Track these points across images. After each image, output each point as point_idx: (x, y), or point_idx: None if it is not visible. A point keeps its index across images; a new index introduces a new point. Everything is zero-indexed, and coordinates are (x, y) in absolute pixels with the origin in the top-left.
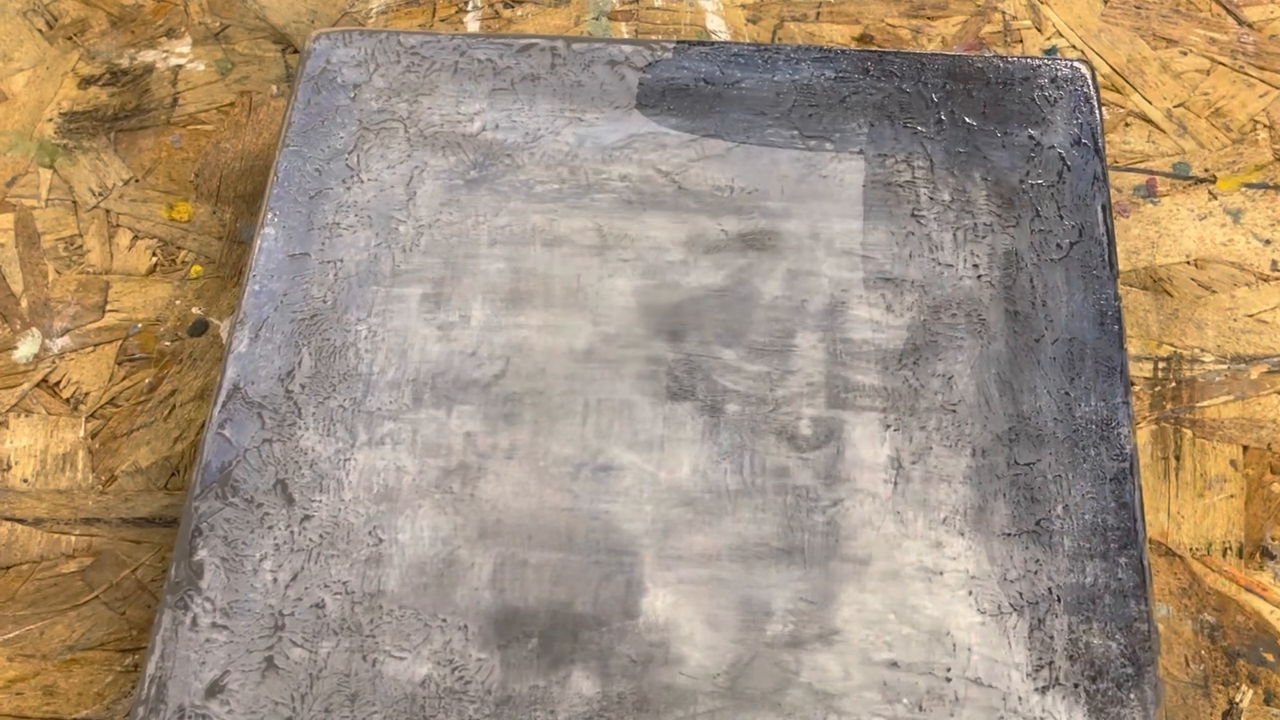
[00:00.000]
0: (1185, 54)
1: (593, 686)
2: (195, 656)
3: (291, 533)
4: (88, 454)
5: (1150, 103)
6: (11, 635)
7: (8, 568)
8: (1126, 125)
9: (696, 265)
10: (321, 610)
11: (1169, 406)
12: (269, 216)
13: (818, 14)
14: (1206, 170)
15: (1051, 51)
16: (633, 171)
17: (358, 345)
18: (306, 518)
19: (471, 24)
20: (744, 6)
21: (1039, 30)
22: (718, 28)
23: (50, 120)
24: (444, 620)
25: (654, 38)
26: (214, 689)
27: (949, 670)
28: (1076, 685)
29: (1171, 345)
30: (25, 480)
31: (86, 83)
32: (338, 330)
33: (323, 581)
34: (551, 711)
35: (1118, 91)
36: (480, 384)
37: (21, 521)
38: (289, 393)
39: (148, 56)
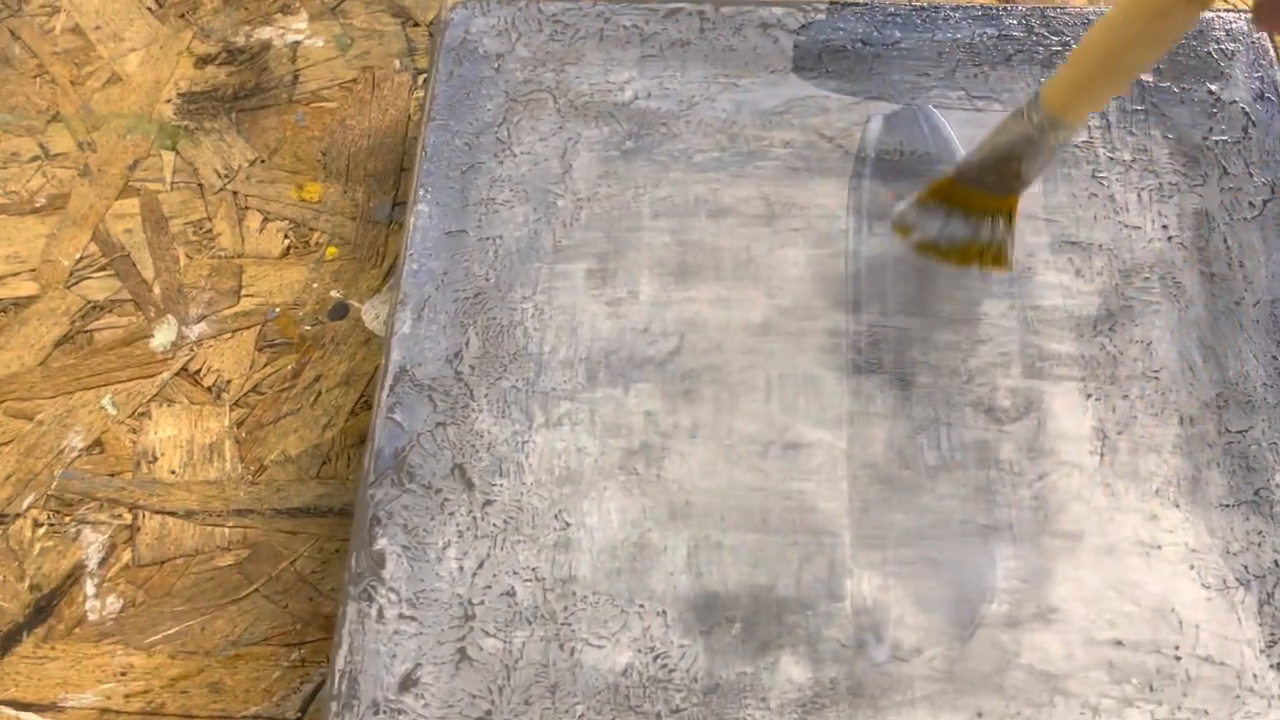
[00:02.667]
0: None
1: (803, 672)
2: (385, 649)
3: (474, 518)
4: (235, 444)
5: None
6: (172, 631)
7: (162, 562)
8: None
9: (871, 233)
10: (512, 598)
11: None
12: (420, 193)
13: None
14: None
15: None
16: (795, 137)
17: (525, 324)
18: (488, 503)
19: None
20: None
21: None
22: None
23: (169, 101)
24: (641, 606)
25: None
26: (407, 682)
27: (1178, 648)
28: None
29: None
30: (173, 472)
31: (203, 62)
32: (503, 309)
33: (511, 568)
34: (763, 699)
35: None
36: (655, 361)
37: (173, 514)
38: (459, 374)
39: (264, 33)
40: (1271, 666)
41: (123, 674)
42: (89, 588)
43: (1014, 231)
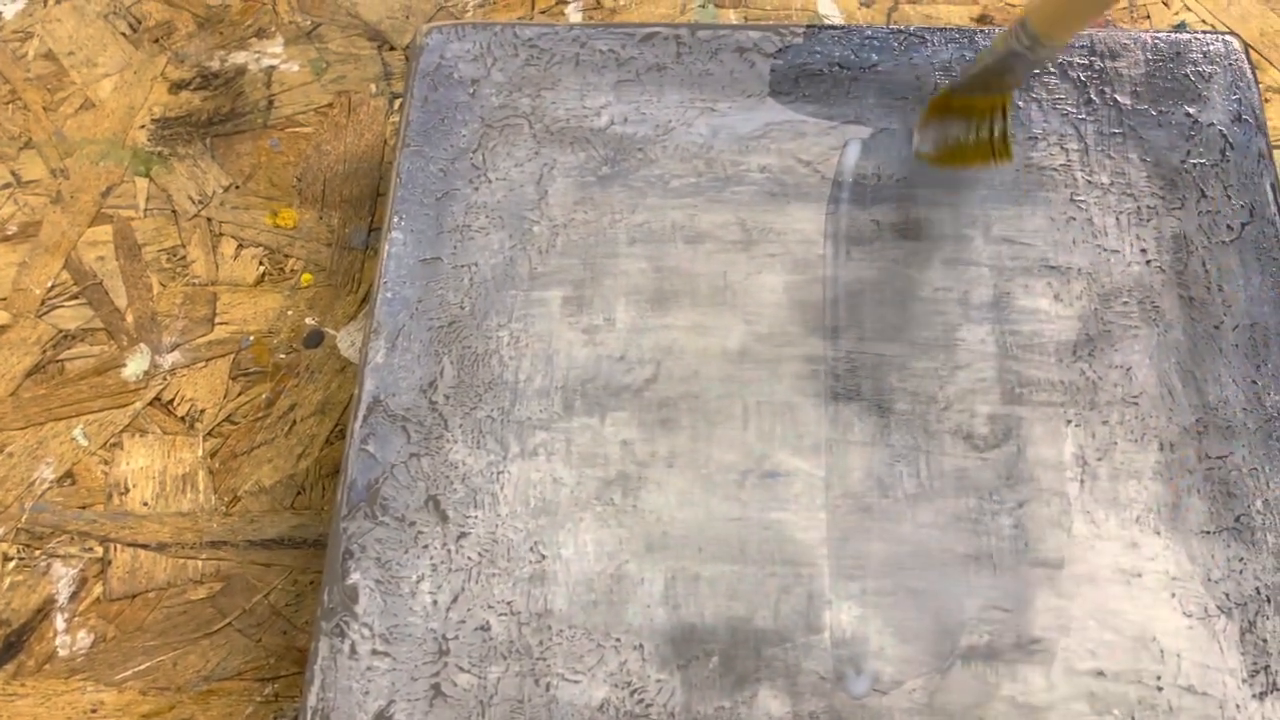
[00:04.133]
0: None
1: (782, 706)
2: (358, 686)
3: (448, 551)
4: (208, 474)
5: None
6: (143, 667)
7: (134, 596)
8: (1266, 101)
9: (849, 258)
10: (487, 633)
11: None
12: (395, 220)
13: None
14: None
15: (1181, 26)
16: (772, 162)
17: (500, 352)
18: (463, 535)
19: (573, 14)
20: None
21: (1165, 4)
22: (830, 12)
23: (142, 127)
24: (618, 640)
25: (778, 23)
26: (380, 719)
27: (1159, 678)
28: None
29: None
30: (145, 504)
31: (177, 87)
32: (478, 337)
33: (485, 602)
34: None
35: (1254, 67)
36: (632, 389)
37: (145, 547)
38: (433, 404)
39: (239, 58)
40: (1254, 696)
41: (93, 711)
42: (59, 623)
43: (1011, 123)
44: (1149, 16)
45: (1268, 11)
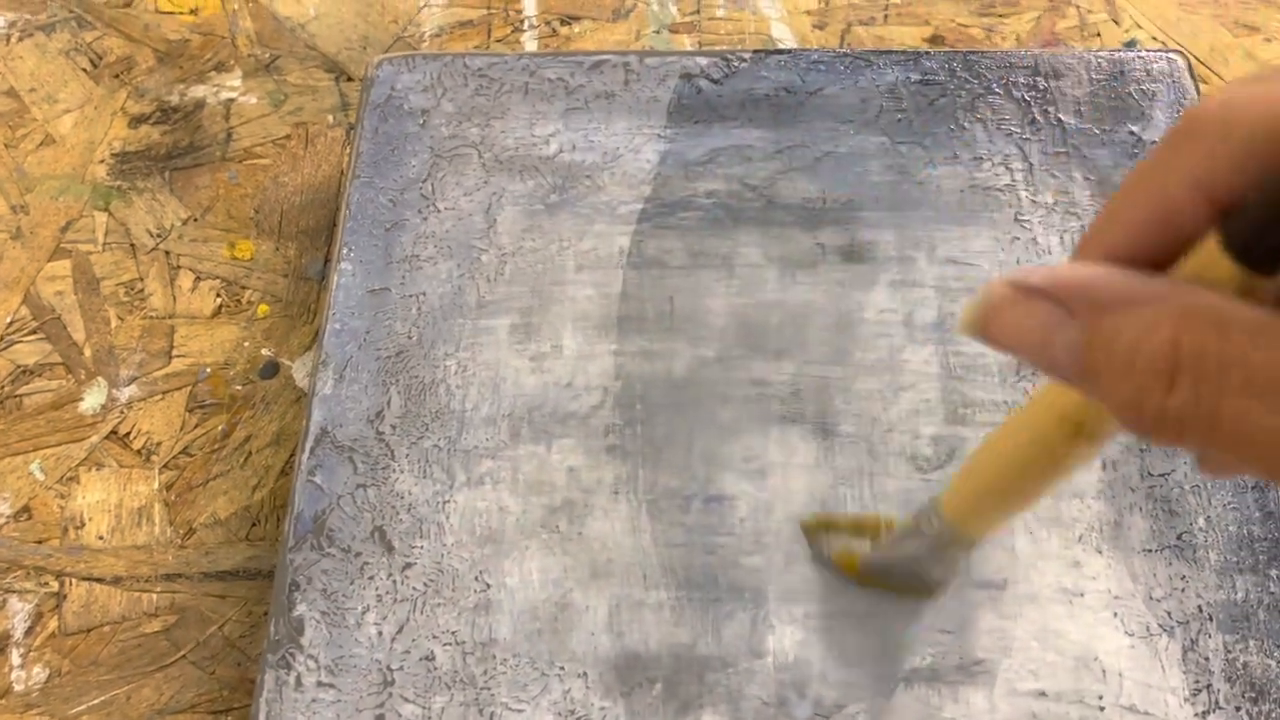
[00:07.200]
0: (1269, 40)
1: None
2: (302, 718)
3: (394, 582)
4: (164, 507)
5: None
6: (97, 701)
7: (88, 630)
8: None
9: (794, 282)
10: (432, 663)
11: None
12: (344, 251)
13: (885, 17)
14: None
15: (1131, 44)
16: (719, 187)
17: (448, 381)
18: (408, 565)
19: (529, 43)
20: (809, 13)
21: (1116, 22)
22: (783, 35)
23: (102, 162)
24: (562, 668)
25: (727, 48)
26: None
27: (1101, 698)
28: (1239, 708)
29: None
30: (101, 537)
31: (137, 121)
32: (426, 367)
33: (430, 632)
34: None
35: (1204, 81)
36: (579, 416)
37: (100, 581)
38: (380, 434)
39: (198, 91)
40: (1196, 715)
41: None
42: (14, 658)
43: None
44: (1099, 34)
45: (1218, 27)
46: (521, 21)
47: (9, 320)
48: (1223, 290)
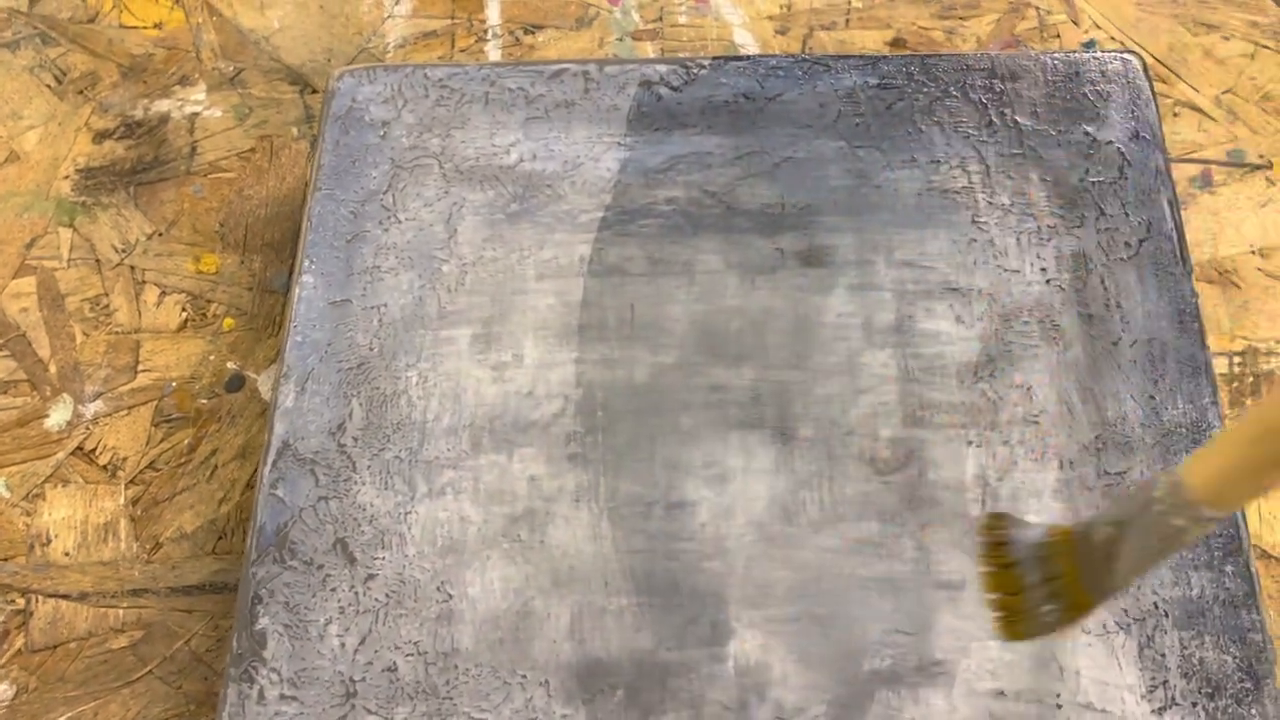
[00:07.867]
0: (1227, 39)
1: None
2: None
3: (356, 594)
4: (130, 522)
5: (1197, 90)
6: (64, 718)
7: (55, 647)
8: (1175, 115)
9: (754, 287)
10: (394, 674)
11: (1248, 402)
12: (306, 264)
13: (847, 21)
14: (1261, 156)
15: (1090, 45)
16: (679, 194)
17: (409, 392)
18: (370, 577)
19: (493, 52)
20: (771, 18)
21: (1075, 24)
22: (746, 41)
23: (66, 178)
24: (524, 676)
25: (687, 55)
26: None
27: (1059, 697)
28: (1195, 704)
29: (1245, 339)
30: (67, 554)
31: (101, 137)
32: (387, 378)
33: (393, 643)
34: None
35: (1163, 81)
36: (540, 425)
37: (66, 597)
38: (342, 446)
39: (162, 106)
40: (1153, 711)
41: None
42: None
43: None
44: (1059, 36)
45: (1176, 26)
46: (485, 31)
47: None
48: None
